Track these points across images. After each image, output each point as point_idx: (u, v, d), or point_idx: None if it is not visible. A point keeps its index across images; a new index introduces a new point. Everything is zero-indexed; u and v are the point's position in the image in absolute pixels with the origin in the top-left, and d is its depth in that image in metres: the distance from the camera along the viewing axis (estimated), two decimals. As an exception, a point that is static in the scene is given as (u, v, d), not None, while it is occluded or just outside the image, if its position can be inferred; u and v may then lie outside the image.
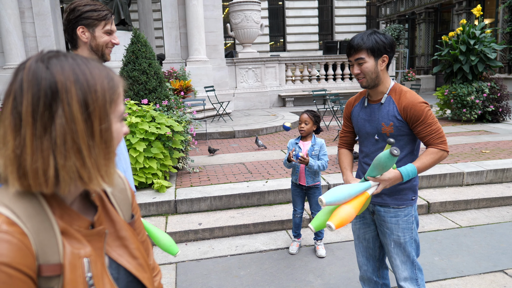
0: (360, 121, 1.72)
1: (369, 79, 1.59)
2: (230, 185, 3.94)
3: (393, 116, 1.60)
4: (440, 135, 1.59)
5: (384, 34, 1.58)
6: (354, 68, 1.60)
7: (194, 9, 8.98)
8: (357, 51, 1.56)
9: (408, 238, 1.72)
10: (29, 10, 8.81)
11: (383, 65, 1.59)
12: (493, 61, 7.24)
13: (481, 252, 2.88)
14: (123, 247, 0.72)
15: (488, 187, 4.09)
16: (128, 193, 0.81)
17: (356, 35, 1.60)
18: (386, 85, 1.64)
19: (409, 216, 1.71)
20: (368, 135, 1.70)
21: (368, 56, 1.55)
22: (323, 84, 11.23)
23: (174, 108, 4.60)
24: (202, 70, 9.20)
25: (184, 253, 3.03)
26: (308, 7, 18.71)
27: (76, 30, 1.37)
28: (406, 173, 1.53)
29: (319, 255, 2.90)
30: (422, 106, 1.57)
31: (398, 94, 1.61)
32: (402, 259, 1.73)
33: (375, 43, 1.54)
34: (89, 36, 1.39)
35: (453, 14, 14.43)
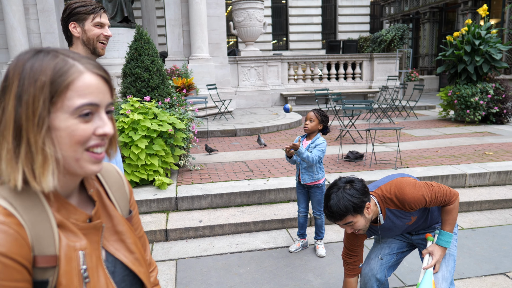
0: (386, 234, 1.83)
1: (365, 228, 1.63)
2: (231, 183, 3.94)
3: (409, 213, 1.69)
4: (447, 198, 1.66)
5: (351, 188, 1.55)
6: (347, 229, 1.61)
7: (197, 7, 8.97)
8: (342, 217, 1.55)
9: (453, 252, 1.78)
10: (34, 6, 8.83)
11: (369, 210, 1.60)
12: (498, 62, 7.19)
13: (483, 255, 2.87)
14: (120, 241, 0.72)
15: (491, 189, 4.06)
16: (126, 189, 0.82)
17: (329, 202, 1.55)
18: (377, 211, 1.66)
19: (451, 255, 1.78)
20: (393, 235, 1.88)
21: (354, 216, 1.55)
22: (325, 83, 11.19)
23: (176, 106, 4.59)
24: (205, 68, 9.19)
25: (185, 250, 3.03)
26: (311, 6, 18.64)
27: (68, 27, 1.48)
28: (446, 242, 1.69)
29: (319, 254, 2.89)
30: (419, 199, 1.61)
31: (389, 202, 1.65)
32: (444, 274, 1.74)
33: (352, 204, 1.52)
34: (80, 31, 1.49)
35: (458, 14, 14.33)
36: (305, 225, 2.97)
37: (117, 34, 8.61)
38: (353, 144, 5.83)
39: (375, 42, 14.77)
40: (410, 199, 1.60)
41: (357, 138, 6.37)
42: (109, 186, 0.78)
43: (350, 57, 11.55)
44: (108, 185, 0.78)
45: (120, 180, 0.81)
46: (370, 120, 8.09)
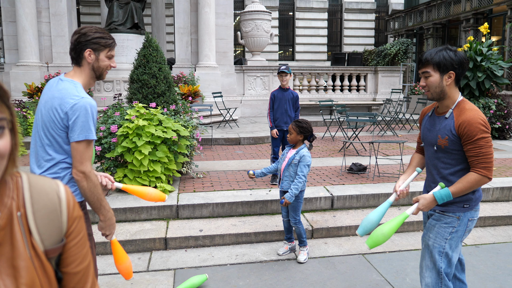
0: (424, 130, 1.82)
1: (433, 92, 1.68)
2: (233, 192, 3.93)
3: (449, 131, 1.67)
4: (486, 160, 1.61)
5: (455, 52, 1.65)
6: (421, 80, 1.71)
7: (206, 16, 9.10)
8: (424, 65, 1.66)
9: (438, 245, 1.74)
10: (46, 10, 8.99)
11: (449, 80, 1.65)
12: (500, 78, 7.21)
13: (487, 273, 2.82)
14: (13, 278, 0.64)
15: (494, 205, 4.02)
16: (63, 216, 0.73)
17: (429, 50, 1.70)
18: (453, 99, 1.70)
19: (449, 226, 1.73)
20: (428, 144, 1.79)
21: (434, 70, 1.64)
22: (330, 94, 11.24)
23: (182, 113, 4.62)
24: (211, 76, 9.27)
25: (184, 260, 3.00)
26: (318, 18, 18.85)
27: (84, 51, 1.60)
28: (440, 197, 1.64)
29: (298, 260, 2.96)
30: (478, 127, 1.59)
31: (460, 110, 1.66)
32: (427, 263, 1.77)
33: (442, 59, 1.62)
34: (94, 58, 1.62)
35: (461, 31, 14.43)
36: (290, 229, 3.07)
37: (126, 40, 8.74)
38: (357, 156, 5.82)
39: (380, 55, 14.87)
40: (470, 116, 1.59)
41: (361, 150, 6.36)
42: (33, 210, 0.69)
43: (355, 69, 11.62)
44: (33, 209, 0.69)
45: (55, 204, 0.72)
46: (373, 133, 8.08)
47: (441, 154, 1.72)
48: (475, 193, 1.74)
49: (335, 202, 3.85)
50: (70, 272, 0.75)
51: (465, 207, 1.72)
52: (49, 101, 1.58)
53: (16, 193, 0.69)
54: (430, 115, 1.81)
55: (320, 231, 3.42)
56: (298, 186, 2.76)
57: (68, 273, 0.75)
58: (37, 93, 7.66)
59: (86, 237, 0.79)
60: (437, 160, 1.75)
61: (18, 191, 0.70)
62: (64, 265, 0.75)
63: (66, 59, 9.24)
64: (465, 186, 1.63)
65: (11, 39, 9.19)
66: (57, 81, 1.63)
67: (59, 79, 1.63)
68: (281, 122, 4.34)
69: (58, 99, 1.55)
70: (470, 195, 1.72)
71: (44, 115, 1.59)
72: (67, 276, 0.75)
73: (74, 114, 1.52)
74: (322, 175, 4.69)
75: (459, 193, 1.64)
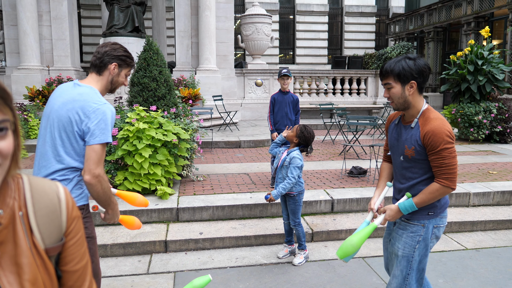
0: (392, 139, 1.82)
1: (397, 103, 1.69)
2: (233, 195, 3.93)
3: (415, 141, 1.66)
4: (449, 171, 1.62)
5: (415, 60, 1.64)
6: (384, 92, 1.73)
7: (206, 20, 9.15)
8: (385, 76, 1.68)
9: (407, 254, 1.75)
10: (47, 13, 9.05)
11: (412, 90, 1.65)
12: (501, 82, 7.22)
13: (487, 277, 2.82)
14: (17, 275, 0.66)
15: (495, 209, 4.02)
16: (62, 216, 0.75)
17: (390, 60, 1.70)
18: (418, 108, 1.69)
19: (416, 234, 1.74)
20: (395, 153, 1.79)
21: (395, 82, 1.65)
22: (330, 98, 11.25)
23: (182, 116, 4.63)
24: (211, 79, 9.30)
25: (184, 263, 3.00)
26: (318, 22, 18.92)
27: (110, 63, 1.73)
28: (404, 208, 1.69)
29: (293, 262, 2.97)
30: (442, 137, 1.59)
31: (425, 119, 1.66)
32: (395, 272, 1.79)
33: (401, 69, 1.62)
34: (116, 73, 1.76)
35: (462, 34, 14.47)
36: (290, 232, 3.07)
37: (127, 43, 8.77)
38: (357, 160, 5.82)
39: (380, 59, 14.90)
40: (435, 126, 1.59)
41: (361, 153, 6.36)
42: (34, 210, 0.72)
43: (355, 72, 11.64)
44: (34, 209, 0.72)
45: (55, 205, 0.74)
46: (374, 136, 8.08)
47: (408, 164, 1.72)
48: (440, 200, 1.73)
49: (335, 205, 3.84)
50: (69, 270, 0.77)
51: (430, 214, 1.72)
52: (68, 103, 1.61)
53: (17, 193, 0.71)
54: (397, 123, 1.79)
55: (320, 234, 3.41)
56: (286, 187, 2.76)
57: (67, 272, 0.78)
58: (38, 96, 7.68)
59: (84, 237, 0.82)
60: (404, 170, 1.74)
61: (20, 191, 0.72)
62: (63, 263, 0.77)
63: (67, 62, 9.29)
64: (428, 197, 1.65)
65: (13, 43, 9.24)
66: (72, 85, 1.68)
67: (74, 83, 1.68)
68: (281, 125, 4.35)
69: (80, 102, 1.60)
70: (435, 203, 1.72)
71: (62, 116, 1.61)
72: (66, 274, 0.78)
73: (97, 117, 1.58)
74: (322, 178, 4.69)
75: (423, 203, 1.66)
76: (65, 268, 0.77)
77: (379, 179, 1.94)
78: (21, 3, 8.47)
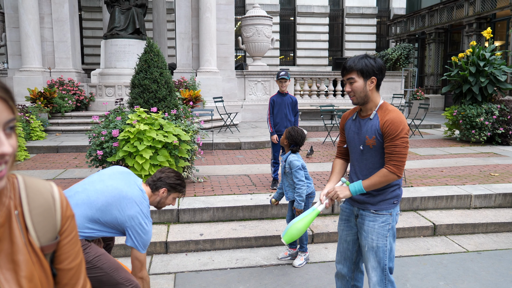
0: (351, 133, 1.91)
1: (358, 97, 1.79)
2: (233, 196, 3.93)
3: (375, 130, 1.78)
4: (398, 159, 1.74)
5: (374, 59, 1.79)
6: (346, 86, 1.82)
7: (207, 22, 9.17)
8: (348, 71, 1.78)
9: (381, 244, 1.84)
10: (49, 16, 9.09)
11: (372, 85, 1.78)
12: (503, 83, 7.20)
13: (489, 279, 2.80)
14: (13, 272, 0.68)
15: (496, 211, 4.00)
16: (57, 215, 0.77)
17: (349, 58, 1.83)
18: (376, 103, 1.82)
19: (386, 223, 1.85)
20: (355, 146, 1.88)
21: (358, 76, 1.76)
22: (331, 99, 11.25)
23: (182, 117, 4.64)
24: (212, 81, 9.32)
25: (184, 264, 3.00)
26: (319, 23, 18.94)
27: (162, 188, 2.00)
28: (354, 189, 1.79)
29: (293, 264, 2.98)
30: (399, 127, 1.72)
31: (384, 111, 1.79)
32: (373, 264, 1.86)
33: (364, 65, 1.75)
34: (165, 196, 2.03)
35: (463, 36, 14.46)
36: None
37: (128, 45, 8.80)
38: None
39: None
40: (393, 116, 1.72)
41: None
42: (29, 209, 0.73)
43: (356, 74, 11.62)
44: (29, 207, 0.73)
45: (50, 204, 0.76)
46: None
47: (369, 154, 1.82)
48: (400, 189, 1.87)
49: (335, 207, 3.83)
50: (64, 268, 0.79)
51: (395, 203, 1.85)
52: (130, 196, 1.85)
53: (13, 193, 0.73)
54: (354, 118, 1.90)
55: (320, 236, 3.41)
56: (301, 192, 2.78)
57: (62, 270, 0.79)
58: (40, 98, 7.71)
59: (78, 236, 0.83)
60: (365, 160, 1.84)
61: (15, 191, 0.73)
62: (58, 262, 0.79)
63: (68, 64, 9.32)
64: (376, 180, 1.76)
65: (15, 45, 9.28)
66: (138, 188, 1.92)
67: (139, 188, 1.92)
68: (281, 127, 4.35)
69: (137, 197, 1.87)
70: (397, 191, 1.85)
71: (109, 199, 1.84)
72: (61, 272, 0.80)
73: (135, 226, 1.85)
74: (323, 180, 4.68)
75: (370, 186, 1.77)
76: (60, 266, 0.79)
77: (330, 174, 2.02)
78: (23, 5, 8.51)
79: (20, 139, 5.82)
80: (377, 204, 1.84)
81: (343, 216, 2.00)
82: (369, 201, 1.85)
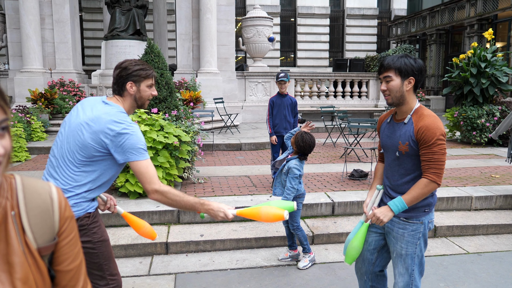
0: (384, 137, 1.86)
1: (393, 97, 1.72)
2: (234, 197, 3.93)
3: (409, 136, 1.71)
4: (438, 166, 1.66)
5: (415, 59, 1.71)
6: (382, 85, 1.76)
7: (207, 23, 9.18)
8: (386, 69, 1.72)
9: (411, 252, 1.79)
10: (50, 17, 9.11)
11: (409, 86, 1.71)
12: (504, 84, 7.19)
13: (489, 281, 2.80)
14: (8, 274, 0.67)
15: (497, 213, 3.99)
16: (55, 216, 0.76)
17: (389, 56, 1.76)
18: (411, 106, 1.74)
19: (416, 232, 1.78)
20: (389, 150, 1.82)
21: (396, 75, 1.70)
22: (331, 100, 11.25)
23: (183, 118, 4.64)
24: (212, 82, 9.33)
25: (184, 264, 3.00)
26: (319, 24, 18.96)
27: (126, 84, 1.69)
28: (395, 207, 1.71)
29: (298, 266, 2.97)
30: (435, 133, 1.64)
31: (419, 116, 1.71)
32: (400, 270, 1.83)
33: (403, 64, 1.68)
34: (135, 90, 1.71)
35: (465, 37, 14.45)
36: (291, 236, 3.05)
37: (128, 46, 8.82)
38: (358, 163, 5.80)
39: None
40: (429, 122, 1.65)
41: (362, 156, 6.35)
42: (27, 210, 0.72)
43: (357, 75, 11.64)
44: (26, 208, 0.72)
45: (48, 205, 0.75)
46: (375, 139, 8.07)
47: (402, 160, 1.76)
48: (433, 196, 1.79)
49: (336, 208, 3.83)
50: (63, 270, 0.78)
51: (426, 211, 1.79)
52: (98, 119, 1.59)
53: (10, 193, 0.72)
54: (389, 121, 1.84)
55: (320, 237, 3.41)
56: (288, 197, 2.73)
57: (61, 271, 0.78)
58: (41, 99, 7.72)
59: (78, 237, 0.82)
60: (398, 166, 1.78)
61: (12, 191, 0.72)
62: (57, 263, 0.78)
63: (69, 65, 9.34)
64: (417, 192, 1.68)
65: (15, 46, 9.30)
66: (101, 102, 1.66)
67: (102, 101, 1.68)
68: (280, 128, 4.35)
69: (104, 119, 1.58)
70: (430, 199, 1.77)
71: (76, 126, 1.61)
72: (60, 274, 0.78)
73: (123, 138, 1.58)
74: (323, 181, 4.68)
75: (413, 201, 1.69)
76: (59, 267, 0.78)
77: (373, 180, 1.97)
78: (24, 6, 8.53)
79: (21, 140, 5.83)
80: (407, 212, 1.76)
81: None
82: None
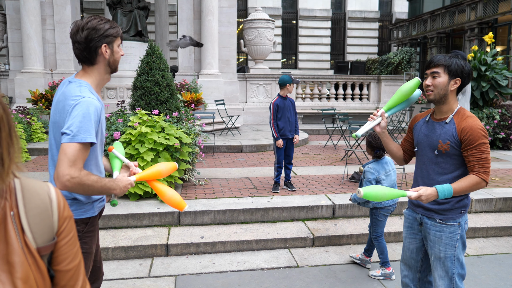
0: (420, 135, 1.85)
1: (436, 93, 1.72)
2: (234, 199, 3.93)
3: (451, 136, 1.72)
4: (486, 165, 1.68)
5: (465, 62, 1.73)
6: (427, 79, 1.75)
7: (209, 24, 9.21)
8: (436, 65, 1.72)
9: (450, 254, 1.79)
10: (51, 17, 9.13)
11: (455, 86, 1.72)
12: (504, 88, 7.21)
13: (489, 283, 2.80)
14: (8, 273, 0.68)
15: (497, 215, 4.00)
16: (54, 216, 0.77)
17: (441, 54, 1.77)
18: (452, 107, 1.76)
19: (454, 234, 1.79)
20: (426, 149, 1.82)
21: (444, 72, 1.71)
22: (332, 103, 11.27)
23: (184, 120, 4.66)
24: (214, 84, 9.34)
25: (185, 266, 3.00)
26: (321, 27, 19.00)
27: (99, 48, 1.44)
28: (442, 191, 1.65)
29: (369, 273, 2.92)
30: (480, 133, 1.67)
31: (461, 116, 1.73)
32: (440, 273, 1.82)
33: (454, 64, 1.70)
34: (110, 53, 1.49)
35: (465, 40, 14.48)
36: (370, 242, 3.01)
37: (130, 47, 8.84)
38: (359, 165, 5.81)
39: (383, 64, 14.91)
40: (472, 123, 1.66)
41: (363, 158, 6.35)
42: (26, 210, 0.73)
43: (358, 78, 11.66)
44: (25, 209, 0.73)
45: (47, 205, 0.76)
46: (376, 141, 8.06)
47: (441, 159, 1.75)
48: (468, 198, 1.81)
49: (336, 210, 3.84)
50: (62, 270, 0.78)
51: (462, 212, 1.79)
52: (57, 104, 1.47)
53: (9, 194, 0.72)
54: (427, 120, 1.84)
55: (321, 239, 3.41)
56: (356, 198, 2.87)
57: (60, 271, 0.79)
58: (41, 100, 7.75)
59: (76, 237, 0.82)
60: (435, 165, 1.78)
61: (11, 192, 0.73)
62: (56, 263, 0.78)
63: (70, 66, 9.36)
64: (467, 185, 1.67)
65: (16, 46, 9.32)
66: (66, 83, 1.50)
67: (68, 81, 1.50)
68: (286, 131, 4.35)
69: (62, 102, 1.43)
70: (465, 201, 1.79)
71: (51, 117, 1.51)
72: (59, 274, 0.79)
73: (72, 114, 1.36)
74: (324, 183, 4.69)
75: (460, 191, 1.67)
76: (58, 267, 0.79)
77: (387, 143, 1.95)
78: (25, 7, 8.56)
79: (21, 141, 5.85)
80: (443, 213, 1.76)
81: (406, 223, 1.95)
82: (434, 208, 1.78)
